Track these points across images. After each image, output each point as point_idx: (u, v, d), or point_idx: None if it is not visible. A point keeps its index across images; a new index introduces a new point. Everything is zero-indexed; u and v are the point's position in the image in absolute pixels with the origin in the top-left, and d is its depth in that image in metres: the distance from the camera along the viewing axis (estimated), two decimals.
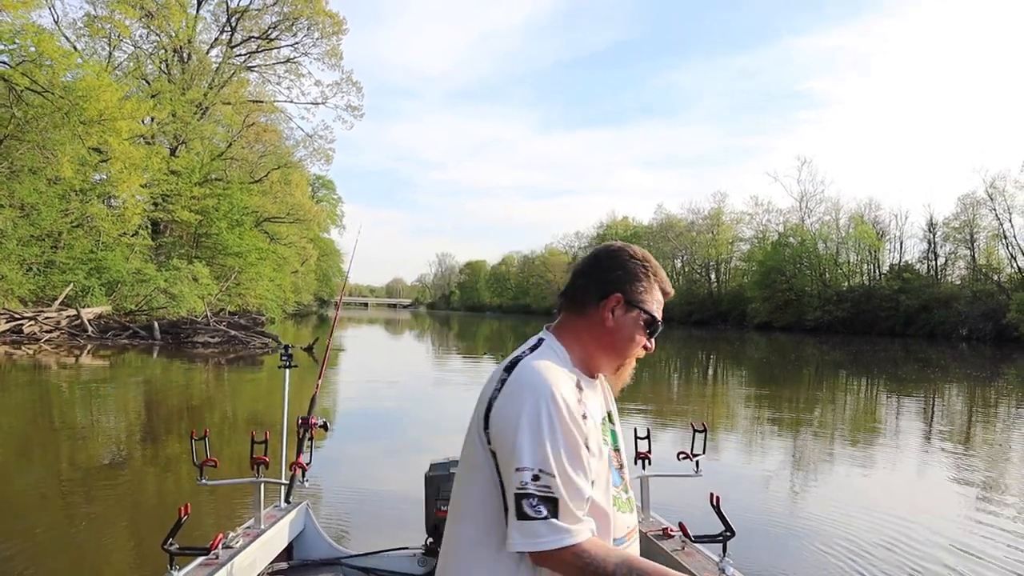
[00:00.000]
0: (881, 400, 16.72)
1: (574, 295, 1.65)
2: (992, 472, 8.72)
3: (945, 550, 5.41)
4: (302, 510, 3.51)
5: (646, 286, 1.63)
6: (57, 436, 9.40)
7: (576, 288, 1.66)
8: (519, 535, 1.38)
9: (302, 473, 3.28)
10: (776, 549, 5.39)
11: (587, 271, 1.66)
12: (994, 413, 14.49)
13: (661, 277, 1.67)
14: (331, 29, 41.02)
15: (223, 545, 2.82)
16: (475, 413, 1.51)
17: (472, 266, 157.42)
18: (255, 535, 3.04)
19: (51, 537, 5.18)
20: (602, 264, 1.65)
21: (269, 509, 3.36)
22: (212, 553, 2.72)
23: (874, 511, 6.40)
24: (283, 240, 48.41)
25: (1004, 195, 52.72)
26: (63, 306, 24.36)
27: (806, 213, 70.81)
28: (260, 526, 3.16)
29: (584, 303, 1.63)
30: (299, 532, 3.49)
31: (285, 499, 3.43)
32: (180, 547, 2.52)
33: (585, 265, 1.68)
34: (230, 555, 2.77)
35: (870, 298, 58.51)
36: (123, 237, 30.66)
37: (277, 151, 44.90)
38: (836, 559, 5.11)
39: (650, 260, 1.67)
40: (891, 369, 25.20)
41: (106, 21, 33.59)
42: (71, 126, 25.46)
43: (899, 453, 9.80)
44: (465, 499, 1.51)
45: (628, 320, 1.61)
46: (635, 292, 1.62)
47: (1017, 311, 43.32)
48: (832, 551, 5.28)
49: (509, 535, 1.40)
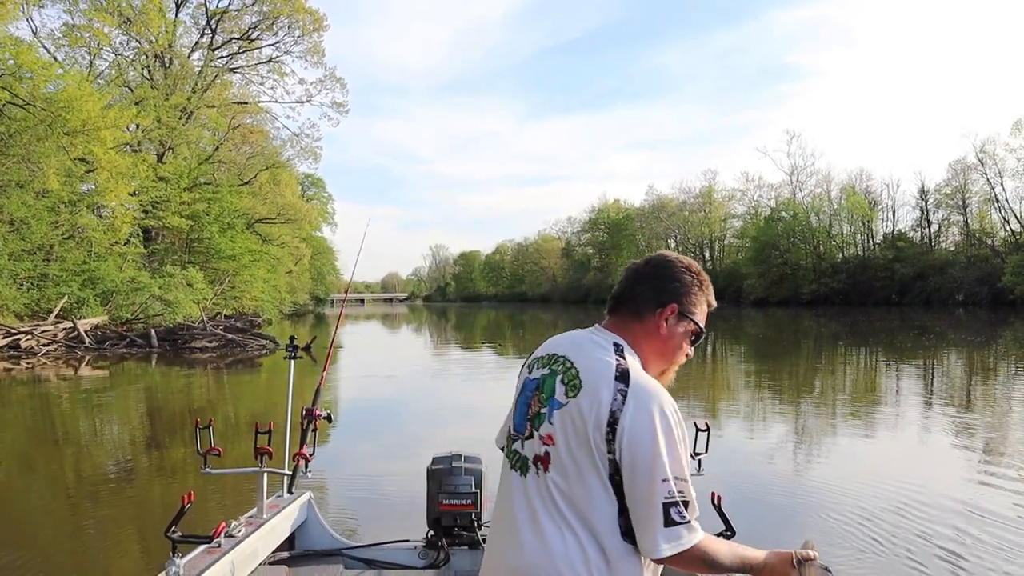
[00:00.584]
0: (880, 369, 16.78)
1: (634, 301, 1.74)
2: (994, 434, 8.75)
3: (955, 512, 5.43)
4: (304, 500, 3.53)
5: (698, 299, 1.76)
6: (61, 443, 9.40)
7: (636, 294, 1.74)
8: (665, 541, 1.48)
9: (305, 464, 3.28)
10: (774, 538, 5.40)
11: (646, 279, 1.76)
12: (993, 377, 14.54)
13: (709, 291, 1.79)
14: (312, 26, 40.81)
15: (226, 534, 2.83)
16: (580, 420, 1.54)
17: (466, 257, 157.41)
18: (257, 524, 3.05)
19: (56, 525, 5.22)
20: (660, 274, 1.75)
21: (271, 499, 3.37)
22: (214, 541, 2.73)
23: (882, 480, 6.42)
24: (275, 241, 48.31)
25: (995, 159, 52.93)
26: (59, 319, 24.29)
27: (797, 187, 71.03)
28: (262, 515, 3.17)
29: (642, 310, 1.73)
30: (301, 522, 3.51)
31: (288, 489, 3.45)
32: (183, 535, 2.51)
33: (644, 273, 1.78)
34: (232, 543, 2.79)
35: (865, 268, 58.75)
36: (115, 246, 30.54)
37: (264, 152, 44.76)
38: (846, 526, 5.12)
39: (702, 274, 1.79)
40: (888, 339, 25.29)
41: (85, 30, 33.33)
42: (55, 137, 25.32)
43: (901, 420, 9.84)
44: (577, 505, 1.53)
45: (679, 329, 1.73)
46: (689, 304, 1.74)
47: (1012, 274, 43.51)
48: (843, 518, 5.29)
49: (653, 542, 1.48)
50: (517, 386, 1.78)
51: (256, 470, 3.19)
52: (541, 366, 1.71)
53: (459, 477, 3.43)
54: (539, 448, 1.59)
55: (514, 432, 1.70)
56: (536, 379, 1.69)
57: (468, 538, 3.43)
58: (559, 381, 1.62)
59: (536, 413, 1.63)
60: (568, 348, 1.70)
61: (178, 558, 2.48)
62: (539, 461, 1.59)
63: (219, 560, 2.62)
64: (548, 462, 1.57)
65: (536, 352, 1.79)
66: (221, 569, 2.62)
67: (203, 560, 2.61)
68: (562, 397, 1.59)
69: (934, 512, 5.43)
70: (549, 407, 1.61)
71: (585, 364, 1.62)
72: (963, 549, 4.65)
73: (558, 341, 1.76)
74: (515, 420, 1.71)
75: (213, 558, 2.62)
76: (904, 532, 5.00)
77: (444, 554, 3.37)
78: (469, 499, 3.41)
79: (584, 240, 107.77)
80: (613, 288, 1.82)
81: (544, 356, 1.73)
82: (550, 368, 1.67)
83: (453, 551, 3.41)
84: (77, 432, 10.52)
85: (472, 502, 3.41)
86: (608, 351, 1.63)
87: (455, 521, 3.42)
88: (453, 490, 3.40)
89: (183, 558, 2.53)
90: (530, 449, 1.62)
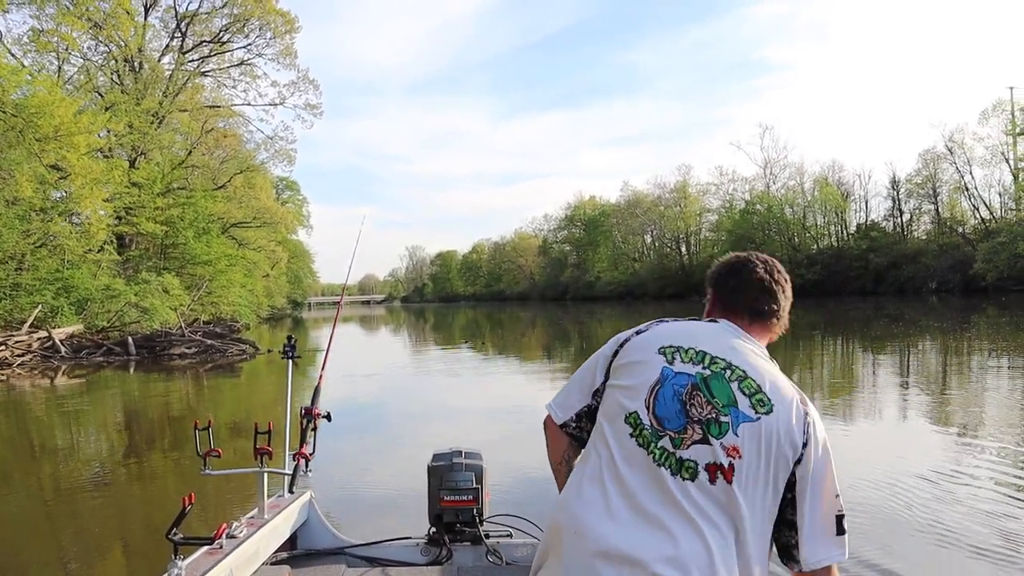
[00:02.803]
0: (857, 358, 16.99)
1: (776, 315, 1.89)
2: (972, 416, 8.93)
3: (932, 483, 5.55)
4: (305, 500, 3.53)
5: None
6: (47, 453, 9.30)
7: (783, 310, 1.89)
8: (840, 549, 1.65)
9: (305, 463, 3.28)
10: None
11: (788, 295, 1.90)
12: (966, 362, 14.79)
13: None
14: (283, 28, 40.53)
15: (227, 535, 2.84)
16: (776, 440, 1.62)
17: (443, 257, 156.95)
18: (259, 525, 3.06)
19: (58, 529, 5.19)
20: (789, 292, 1.91)
21: (272, 499, 3.37)
22: (216, 543, 2.74)
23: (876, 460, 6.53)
24: (252, 245, 47.93)
25: (963, 148, 53.64)
26: (33, 328, 23.93)
27: (771, 179, 71.60)
28: (263, 516, 3.17)
29: (777, 323, 1.89)
30: (303, 522, 3.51)
31: (288, 489, 3.45)
32: (184, 537, 2.53)
33: (787, 288, 1.90)
34: (234, 544, 2.79)
35: (840, 259, 59.35)
36: (89, 254, 30.15)
37: (238, 155, 44.39)
38: None
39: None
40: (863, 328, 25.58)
41: (52, 34, 32.89)
42: (26, 144, 24.97)
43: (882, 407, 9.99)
44: (737, 514, 1.58)
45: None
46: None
47: (983, 261, 44.15)
48: None
49: (829, 549, 1.64)
50: (625, 364, 1.78)
51: (256, 470, 3.20)
52: (690, 361, 1.70)
53: (460, 473, 3.46)
54: (721, 458, 1.58)
55: (659, 427, 1.64)
56: (691, 376, 1.67)
57: (470, 534, 3.46)
58: (738, 390, 1.64)
59: (713, 419, 1.61)
60: (726, 351, 1.72)
61: (180, 560, 2.50)
62: (719, 471, 1.58)
63: (221, 561, 2.63)
64: (732, 474, 1.58)
65: (664, 338, 1.78)
66: (223, 570, 2.63)
67: (205, 561, 2.62)
68: (749, 411, 1.62)
69: (918, 483, 5.56)
70: (733, 417, 1.61)
71: (762, 377, 1.68)
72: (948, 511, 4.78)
73: (698, 334, 1.78)
74: (658, 412, 1.66)
75: (215, 559, 2.63)
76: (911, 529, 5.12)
77: (447, 550, 3.40)
78: (470, 495, 3.44)
79: (561, 237, 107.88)
80: (752, 288, 1.86)
81: (690, 350, 1.72)
82: (709, 369, 1.68)
83: (455, 547, 3.43)
84: (64, 441, 10.42)
85: (473, 498, 3.44)
86: (774, 365, 1.75)
87: (457, 517, 3.45)
88: (454, 486, 3.43)
89: (185, 560, 2.55)
90: (702, 455, 1.59)
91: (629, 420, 1.67)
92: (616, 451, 1.66)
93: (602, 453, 1.69)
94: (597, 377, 1.83)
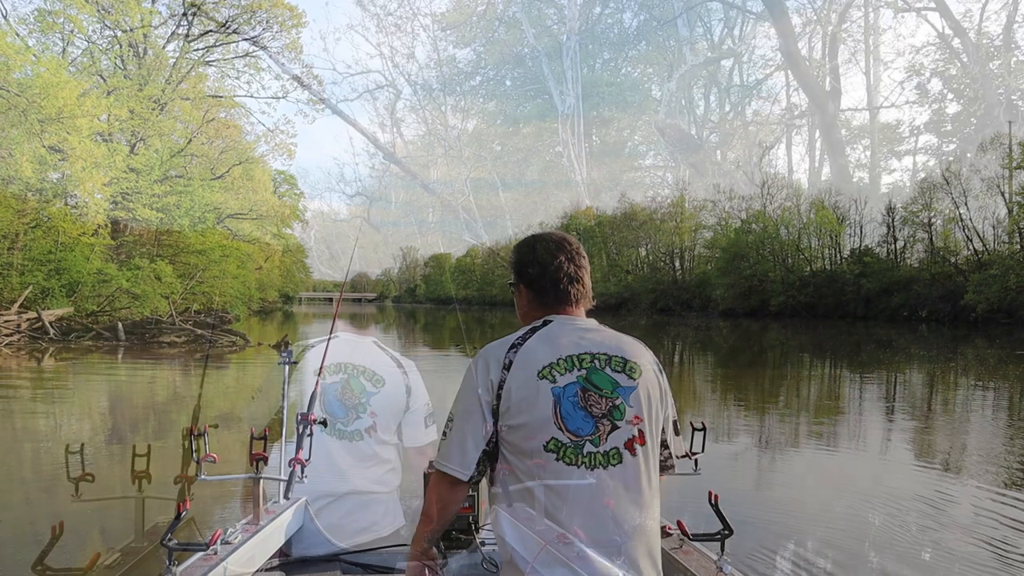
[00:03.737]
0: (846, 382, 17.06)
1: (589, 290, 2.11)
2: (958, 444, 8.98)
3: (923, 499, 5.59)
4: (301, 506, 3.53)
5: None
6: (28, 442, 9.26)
7: (588, 287, 2.10)
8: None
9: (301, 469, 3.28)
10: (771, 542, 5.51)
11: (587, 267, 2.15)
12: (953, 395, 14.87)
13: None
14: (291, 22, 40.61)
15: (222, 541, 2.82)
16: (656, 391, 1.93)
17: (437, 259, 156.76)
18: (254, 531, 3.05)
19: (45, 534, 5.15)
20: (586, 260, 2.18)
21: (268, 505, 3.37)
22: (211, 549, 2.73)
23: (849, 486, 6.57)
24: (246, 237, 47.85)
25: (960, 179, 53.94)
26: (23, 308, 23.87)
27: (768, 200, 71.72)
28: (259, 522, 3.17)
29: (588, 296, 2.14)
30: (298, 528, 3.50)
31: (284, 495, 3.44)
32: (179, 543, 2.53)
33: (585, 262, 2.13)
34: (229, 550, 2.78)
35: (832, 282, 59.52)
36: (83, 237, 30.07)
37: (238, 147, 44.35)
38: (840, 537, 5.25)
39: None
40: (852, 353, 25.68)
41: (58, 15, 32.85)
42: (29, 124, 24.90)
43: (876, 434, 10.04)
44: (655, 452, 1.91)
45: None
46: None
47: (974, 292, 44.36)
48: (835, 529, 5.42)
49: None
50: (516, 404, 1.84)
51: (252, 476, 3.20)
52: (565, 370, 1.84)
53: None
54: (632, 431, 1.83)
55: (575, 437, 1.80)
56: (575, 383, 1.83)
57: (466, 541, 3.46)
58: (612, 372, 1.87)
59: (611, 407, 1.83)
60: (582, 346, 1.90)
61: (175, 566, 2.50)
62: (633, 442, 1.83)
63: (216, 567, 2.63)
64: (644, 437, 1.85)
65: (533, 363, 1.86)
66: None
67: (200, 568, 2.61)
68: (629, 382, 1.86)
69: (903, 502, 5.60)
70: (622, 395, 1.85)
71: (620, 349, 1.91)
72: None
73: (555, 344, 1.90)
74: (570, 427, 1.81)
75: (210, 565, 2.63)
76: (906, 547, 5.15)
77: (442, 558, 3.40)
78: (466, 502, 3.44)
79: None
80: (563, 281, 2.04)
81: (560, 361, 1.86)
82: (583, 368, 1.85)
83: (451, 555, 3.43)
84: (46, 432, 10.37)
85: (469, 505, 3.44)
86: (607, 329, 1.99)
87: (453, 524, 3.45)
88: None
89: (180, 566, 2.55)
90: (619, 438, 1.82)
91: (549, 447, 1.80)
92: (547, 477, 1.80)
93: (530, 485, 1.82)
94: (488, 424, 1.89)
